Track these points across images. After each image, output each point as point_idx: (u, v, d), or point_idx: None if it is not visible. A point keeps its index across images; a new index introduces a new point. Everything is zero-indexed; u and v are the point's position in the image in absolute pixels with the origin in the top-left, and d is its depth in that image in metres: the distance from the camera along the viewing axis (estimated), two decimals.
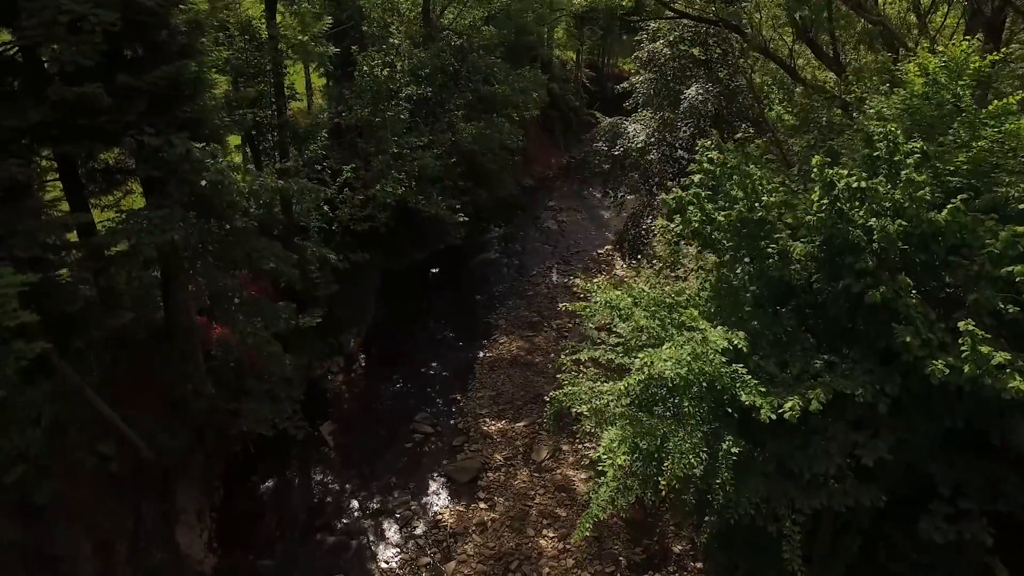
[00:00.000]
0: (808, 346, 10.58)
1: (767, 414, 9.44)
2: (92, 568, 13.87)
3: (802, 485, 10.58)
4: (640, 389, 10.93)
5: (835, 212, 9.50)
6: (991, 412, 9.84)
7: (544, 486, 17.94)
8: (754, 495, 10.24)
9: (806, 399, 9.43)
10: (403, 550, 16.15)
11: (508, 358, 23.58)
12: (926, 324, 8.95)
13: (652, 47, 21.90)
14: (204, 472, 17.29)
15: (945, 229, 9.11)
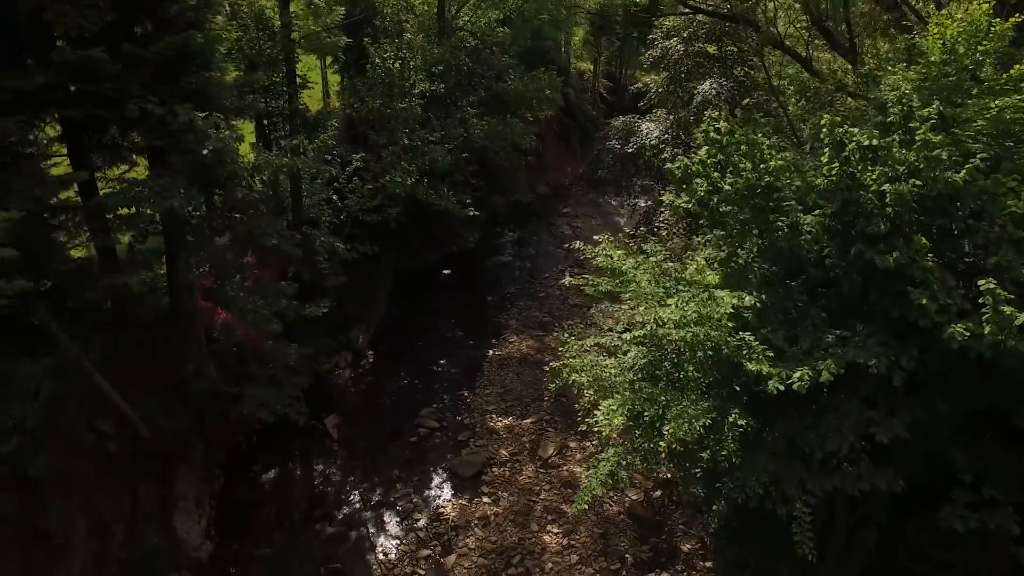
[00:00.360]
0: (819, 321, 10.13)
1: (775, 385, 9.03)
2: (88, 548, 13.67)
3: (814, 466, 10.08)
4: (643, 363, 10.56)
5: (846, 176, 9.13)
6: (1015, 390, 9.34)
7: (550, 482, 17.48)
8: (762, 473, 9.76)
9: (816, 370, 8.99)
10: (403, 542, 15.75)
11: (517, 357, 23.22)
12: (944, 290, 8.50)
13: (665, 44, 21.71)
14: (205, 460, 17.09)
15: (963, 191, 8.68)
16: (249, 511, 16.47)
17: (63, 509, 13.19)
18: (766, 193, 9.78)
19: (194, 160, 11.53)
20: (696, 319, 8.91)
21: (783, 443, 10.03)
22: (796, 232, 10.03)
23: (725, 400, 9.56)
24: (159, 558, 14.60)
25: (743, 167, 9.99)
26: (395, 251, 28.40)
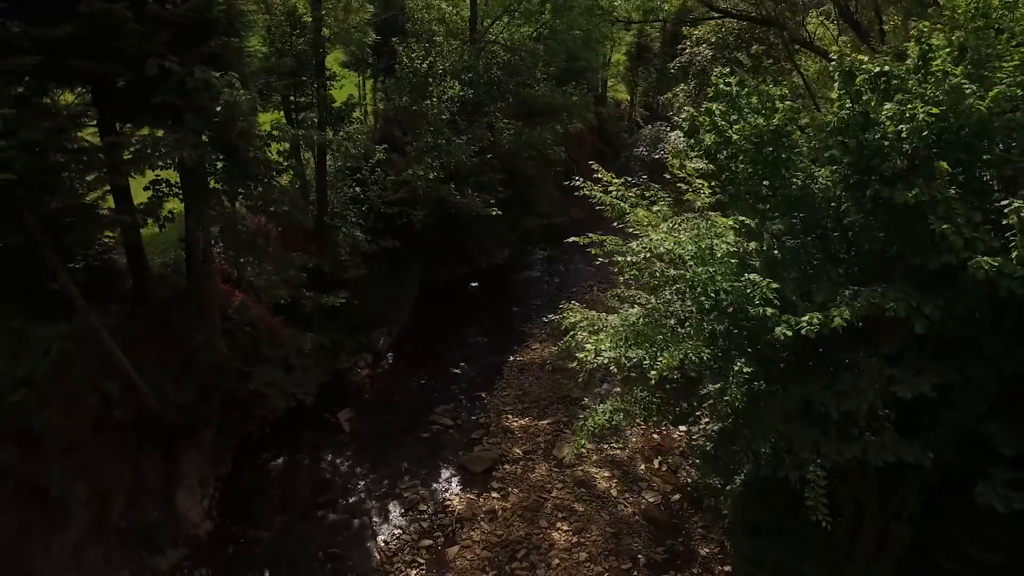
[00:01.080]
0: (836, 277, 9.50)
1: (783, 331, 8.39)
2: (87, 515, 13.54)
3: (832, 431, 9.27)
4: (644, 320, 10.03)
5: (858, 114, 8.62)
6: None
7: (563, 481, 16.72)
8: (771, 432, 9.02)
9: (829, 316, 8.33)
10: (405, 531, 15.18)
11: (539, 362, 22.69)
12: (969, 225, 7.84)
13: (693, 50, 21.60)
14: (215, 445, 16.95)
15: (989, 125, 8.07)
16: (253, 495, 16.20)
17: (62, 471, 13.16)
18: (775, 139, 9.33)
19: (207, 118, 11.76)
20: (695, 252, 8.41)
21: (796, 403, 9.29)
22: (809, 184, 9.52)
23: (729, 350, 8.93)
24: (158, 532, 14.38)
25: (754, 120, 9.59)
26: (424, 263, 28.57)
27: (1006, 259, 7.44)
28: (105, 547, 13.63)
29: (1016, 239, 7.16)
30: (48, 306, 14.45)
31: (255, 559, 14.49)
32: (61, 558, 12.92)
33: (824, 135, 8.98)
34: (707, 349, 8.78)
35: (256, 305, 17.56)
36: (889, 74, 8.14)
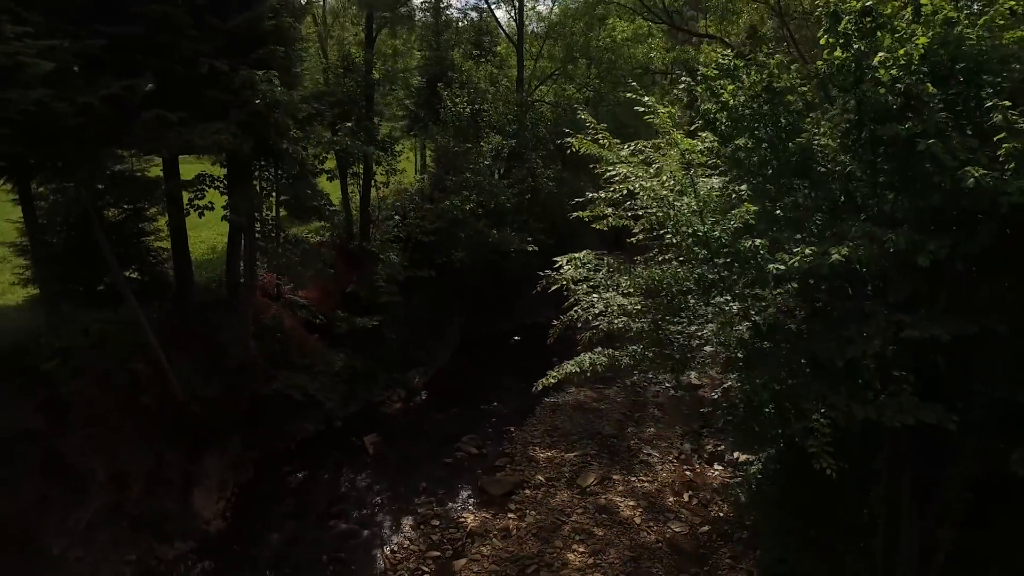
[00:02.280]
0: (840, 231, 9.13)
1: (775, 267, 8.09)
2: (104, 495, 13.80)
3: (842, 389, 8.59)
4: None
5: (851, 61, 8.57)
6: None
7: (584, 507, 15.83)
8: (771, 381, 8.44)
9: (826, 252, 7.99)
10: (413, 542, 14.61)
11: (572, 403, 22.12)
12: (964, 147, 7.52)
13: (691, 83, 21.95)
14: (240, 453, 17.13)
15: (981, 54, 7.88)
16: (269, 502, 16.07)
17: (86, 448, 13.59)
18: (770, 96, 9.37)
19: (249, 111, 12.88)
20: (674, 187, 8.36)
21: (800, 355, 8.75)
22: (810, 142, 9.40)
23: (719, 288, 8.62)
24: (169, 522, 14.42)
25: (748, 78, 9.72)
26: (467, 315, 28.95)
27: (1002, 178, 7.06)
28: (117, 529, 13.74)
29: (1005, 147, 6.79)
30: (101, 298, 15.57)
31: (261, 559, 14.20)
32: (74, 534, 13.08)
33: (818, 81, 8.96)
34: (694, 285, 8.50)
35: (291, 319, 18.18)
36: (874, 12, 8.15)
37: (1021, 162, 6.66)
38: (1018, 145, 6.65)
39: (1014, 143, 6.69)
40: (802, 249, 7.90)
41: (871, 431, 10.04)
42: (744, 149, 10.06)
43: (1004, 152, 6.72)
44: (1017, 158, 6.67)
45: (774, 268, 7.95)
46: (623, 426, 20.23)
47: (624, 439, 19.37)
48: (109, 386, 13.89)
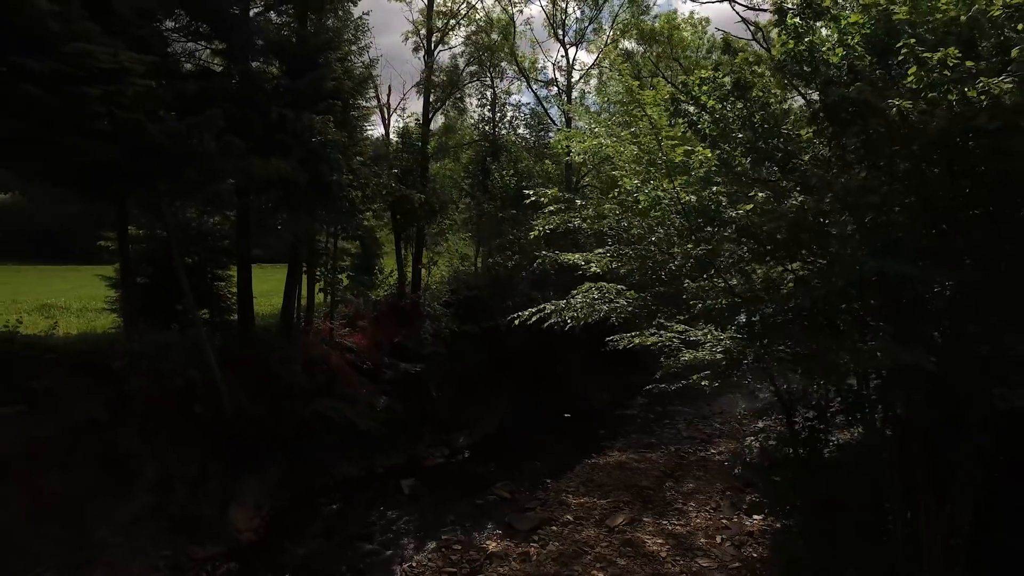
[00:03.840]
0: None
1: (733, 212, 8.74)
2: (149, 494, 14.83)
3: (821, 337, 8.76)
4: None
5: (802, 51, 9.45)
6: None
7: (610, 541, 15.37)
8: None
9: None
10: (433, 561, 14.58)
11: (613, 463, 21.72)
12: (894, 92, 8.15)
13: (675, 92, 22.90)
14: (280, 482, 17.92)
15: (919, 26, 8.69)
16: (301, 525, 16.54)
17: (140, 447, 14.85)
18: (740, 94, 10.36)
19: (306, 149, 15.05)
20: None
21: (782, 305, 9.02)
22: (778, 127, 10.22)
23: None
24: (204, 527, 15.14)
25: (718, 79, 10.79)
26: (519, 391, 29.40)
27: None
28: (157, 527, 14.59)
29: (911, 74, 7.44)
30: (173, 321, 17.53)
31: (284, 567, 14.54)
32: (118, 524, 14.04)
33: (775, 69, 9.91)
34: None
35: (338, 358, 19.46)
36: (814, 4, 9.21)
37: (927, 84, 7.26)
38: (923, 73, 7.30)
39: (921, 72, 7.35)
40: (756, 194, 8.55)
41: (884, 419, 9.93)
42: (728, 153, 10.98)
43: (913, 78, 7.37)
44: (925, 82, 7.29)
45: (732, 213, 8.58)
46: (661, 481, 19.65)
47: (661, 491, 18.78)
48: (167, 388, 15.33)
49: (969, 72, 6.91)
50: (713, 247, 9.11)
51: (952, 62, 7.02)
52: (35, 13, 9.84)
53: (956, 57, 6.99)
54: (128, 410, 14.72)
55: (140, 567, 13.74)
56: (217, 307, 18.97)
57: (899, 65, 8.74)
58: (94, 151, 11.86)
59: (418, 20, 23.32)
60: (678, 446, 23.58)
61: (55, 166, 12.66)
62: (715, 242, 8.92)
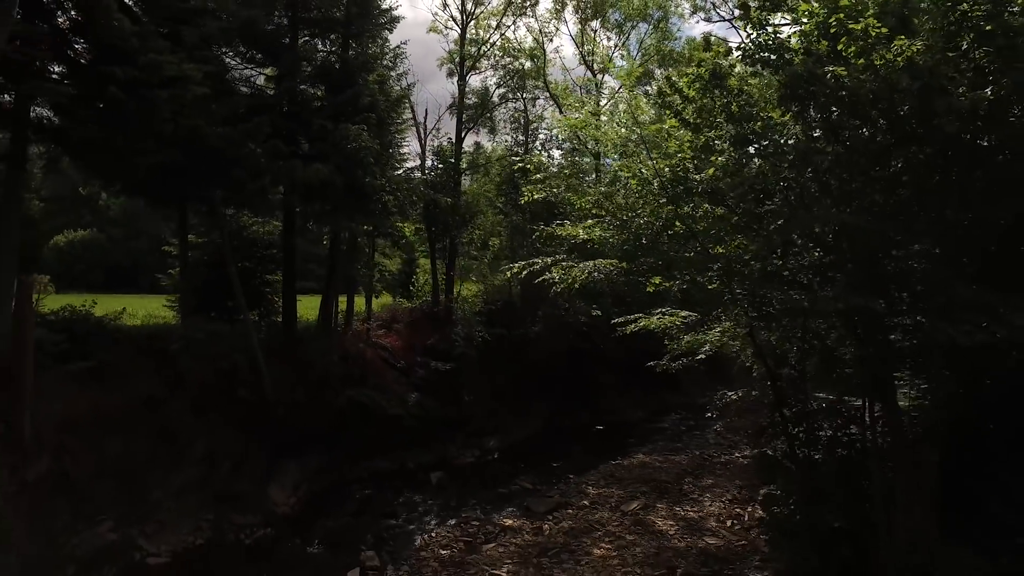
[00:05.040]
0: None
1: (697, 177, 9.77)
2: (198, 467, 16.36)
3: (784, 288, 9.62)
4: None
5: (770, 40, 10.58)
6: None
7: (621, 522, 16.00)
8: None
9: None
10: (450, 532, 15.53)
11: (636, 463, 22.23)
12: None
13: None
14: (317, 468, 19.26)
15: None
16: (334, 504, 17.76)
17: (191, 425, 16.45)
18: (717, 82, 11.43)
19: (343, 155, 16.80)
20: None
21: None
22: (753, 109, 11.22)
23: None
24: (246, 500, 16.53)
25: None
26: (551, 403, 30.23)
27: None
28: (203, 495, 16.06)
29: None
30: (224, 315, 19.35)
31: (315, 534, 15.73)
32: (170, 490, 15.57)
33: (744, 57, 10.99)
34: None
35: (373, 354, 20.89)
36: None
37: (855, 52, 8.25)
38: (851, 41, 8.29)
39: (849, 40, 8.35)
40: (716, 159, 9.59)
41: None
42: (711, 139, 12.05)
43: (842, 46, 8.38)
44: (853, 50, 8.28)
45: (697, 178, 9.63)
46: (681, 477, 20.11)
47: (679, 485, 19.26)
48: (215, 371, 16.97)
49: (887, 37, 7.90)
50: (685, 212, 10.12)
51: (874, 32, 8.01)
52: (121, 33, 11.86)
53: (876, 27, 7.99)
54: (181, 390, 16.38)
55: (188, 527, 15.19)
56: (264, 307, 20.74)
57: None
58: (160, 153, 13.80)
59: (453, 49, 25.37)
60: (704, 451, 23.91)
61: (128, 168, 14.63)
62: (684, 202, 9.95)
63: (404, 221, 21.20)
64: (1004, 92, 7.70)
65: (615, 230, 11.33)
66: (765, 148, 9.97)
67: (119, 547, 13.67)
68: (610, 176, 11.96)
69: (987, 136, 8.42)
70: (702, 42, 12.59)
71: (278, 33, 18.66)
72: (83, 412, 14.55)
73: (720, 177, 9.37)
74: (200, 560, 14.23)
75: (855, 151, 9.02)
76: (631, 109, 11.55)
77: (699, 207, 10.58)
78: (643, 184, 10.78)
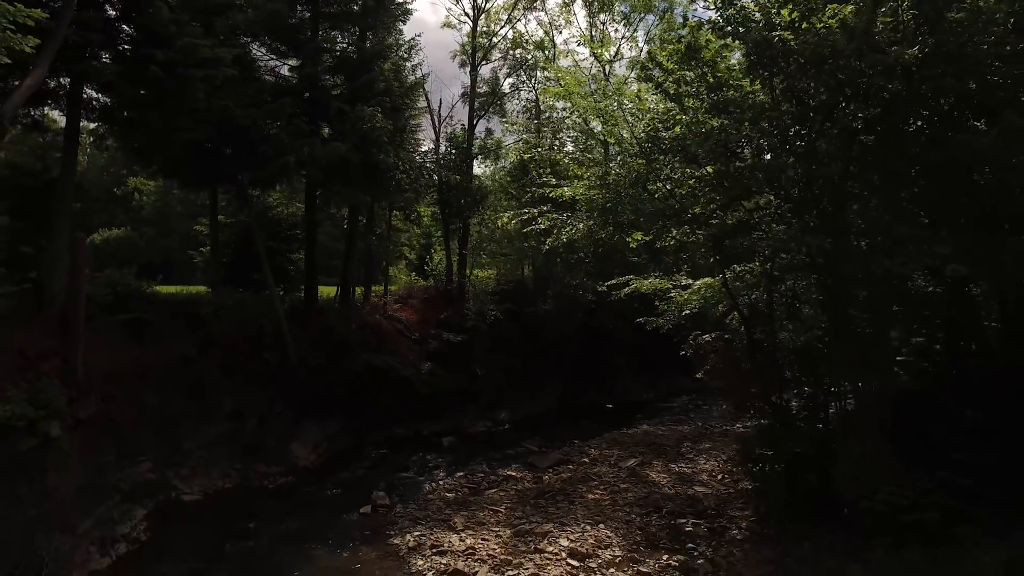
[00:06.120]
0: None
1: (668, 134, 10.89)
2: (226, 422, 17.82)
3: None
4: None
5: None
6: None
7: (617, 474, 17.08)
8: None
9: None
10: (456, 481, 16.76)
11: (641, 433, 23.20)
12: None
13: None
14: (337, 431, 20.64)
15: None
16: (352, 461, 19.10)
17: (220, 382, 17.92)
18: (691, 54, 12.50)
19: (359, 135, 18.18)
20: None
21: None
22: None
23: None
24: (270, 452, 17.97)
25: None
26: (564, 383, 31.32)
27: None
28: (231, 447, 17.52)
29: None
30: (251, 287, 20.87)
31: (333, 481, 17.06)
32: (202, 441, 17.05)
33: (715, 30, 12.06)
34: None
35: (389, 325, 22.25)
36: None
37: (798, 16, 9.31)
38: (793, 7, 9.35)
39: (791, 6, 9.41)
40: (680, 116, 10.70)
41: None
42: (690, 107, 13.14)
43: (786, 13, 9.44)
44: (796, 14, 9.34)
45: (667, 135, 10.75)
46: (680, 442, 21.07)
47: (677, 448, 20.23)
48: (242, 334, 18.46)
49: (825, 2, 8.96)
50: (662, 171, 11.25)
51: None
52: (160, 19, 13.37)
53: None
54: (211, 351, 17.86)
55: (217, 473, 16.66)
56: (287, 282, 22.22)
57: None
58: (195, 131, 15.29)
59: (465, 42, 26.74)
60: (707, 422, 24.79)
61: (165, 146, 16.13)
62: (657, 161, 11.08)
63: (417, 199, 22.54)
64: (929, 51, 8.69)
65: (598, 189, 12.46)
66: (733, 112, 11.04)
67: (157, 484, 15.16)
68: (592, 142, 13.08)
69: (919, 91, 9.39)
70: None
71: (300, 26, 20.15)
72: (125, 366, 16.04)
73: (687, 135, 10.46)
74: (228, 499, 15.66)
75: (808, 108, 10.07)
76: (616, 84, 12.70)
77: (675, 169, 11.70)
78: (620, 143, 11.92)
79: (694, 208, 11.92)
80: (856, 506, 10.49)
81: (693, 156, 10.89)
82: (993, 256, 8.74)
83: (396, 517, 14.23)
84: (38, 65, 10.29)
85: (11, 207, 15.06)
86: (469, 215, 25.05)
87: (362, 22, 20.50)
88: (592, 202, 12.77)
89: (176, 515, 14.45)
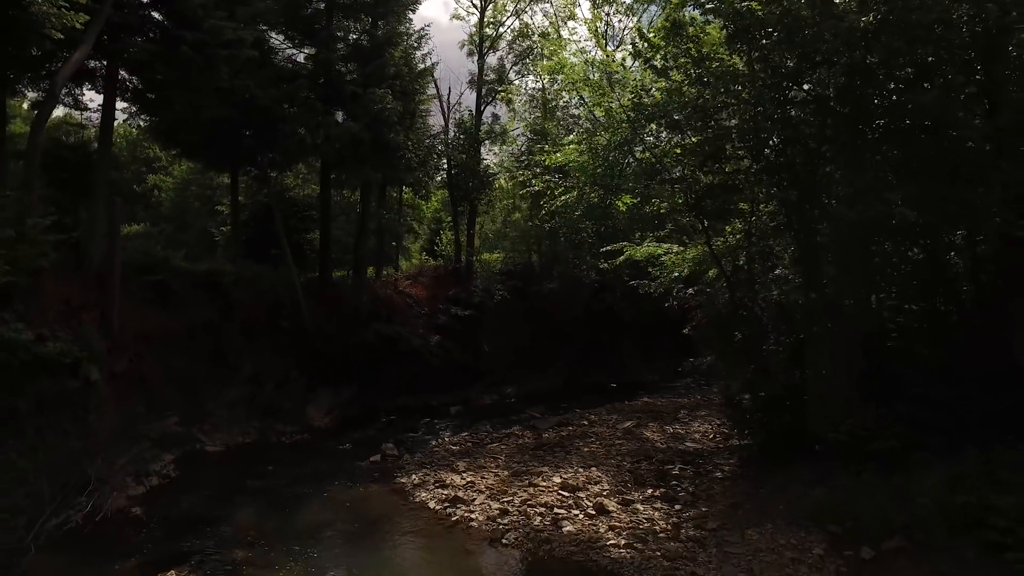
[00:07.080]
0: None
1: (650, 99, 11.88)
2: (245, 386, 18.99)
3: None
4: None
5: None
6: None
7: (613, 433, 18.06)
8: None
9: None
10: (460, 439, 17.85)
11: (641, 404, 24.17)
12: None
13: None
14: (350, 399, 21.75)
15: None
16: (364, 423, 20.21)
17: (240, 348, 19.09)
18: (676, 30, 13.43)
19: (370, 115, 19.30)
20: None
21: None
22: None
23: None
24: (286, 414, 19.14)
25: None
26: (570, 364, 32.25)
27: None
28: (250, 409, 18.70)
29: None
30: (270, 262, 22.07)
31: (346, 439, 18.18)
32: (222, 403, 18.24)
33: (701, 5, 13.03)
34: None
35: (399, 299, 23.38)
36: None
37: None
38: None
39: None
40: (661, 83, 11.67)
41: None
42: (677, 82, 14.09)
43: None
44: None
45: (649, 101, 11.73)
46: (677, 409, 22.00)
47: (674, 414, 21.18)
48: (261, 303, 19.64)
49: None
50: (648, 140, 12.25)
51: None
52: (190, 3, 14.58)
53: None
54: (232, 318, 19.05)
55: (238, 430, 17.86)
56: (303, 259, 23.39)
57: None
58: (218, 109, 16.47)
59: (473, 32, 27.84)
60: (705, 395, 25.65)
61: (191, 126, 17.32)
62: (642, 127, 12.08)
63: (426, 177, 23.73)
64: (881, 18, 9.63)
65: (588, 155, 13.48)
66: (713, 83, 12.02)
67: (183, 437, 16.37)
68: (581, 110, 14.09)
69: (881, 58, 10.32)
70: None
71: (316, 15, 21.33)
72: (153, 328, 17.25)
73: (669, 102, 11.45)
74: (249, 451, 16.85)
75: (776, 74, 11.03)
76: (606, 58, 13.71)
77: (659, 137, 12.71)
78: (608, 113, 12.94)
79: (674, 170, 12.90)
80: (827, 440, 11.44)
81: (675, 123, 11.87)
82: (940, 204, 9.66)
83: (404, 464, 15.35)
84: (85, 41, 11.47)
85: (51, 179, 16.31)
86: (476, 197, 26.10)
87: (374, 11, 21.63)
88: (582, 167, 13.75)
89: (201, 462, 15.64)
